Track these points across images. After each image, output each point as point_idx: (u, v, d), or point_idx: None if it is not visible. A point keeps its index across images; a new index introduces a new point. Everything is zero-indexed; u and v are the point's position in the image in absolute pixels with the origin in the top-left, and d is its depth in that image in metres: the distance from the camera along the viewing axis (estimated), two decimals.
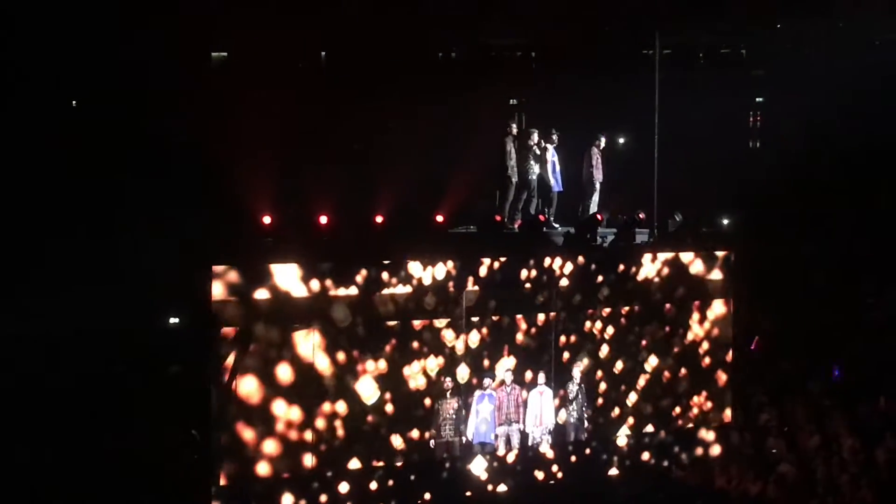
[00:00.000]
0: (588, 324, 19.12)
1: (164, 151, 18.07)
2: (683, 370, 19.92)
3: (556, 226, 19.89)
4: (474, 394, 18.63)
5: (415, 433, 17.72)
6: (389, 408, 17.32)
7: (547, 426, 19.12)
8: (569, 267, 18.76)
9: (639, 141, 21.50)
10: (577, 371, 19.23)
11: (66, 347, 16.41)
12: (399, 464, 17.57)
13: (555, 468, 18.99)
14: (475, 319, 18.10)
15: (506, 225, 19.22)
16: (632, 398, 19.57)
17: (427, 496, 17.75)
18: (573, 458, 19.06)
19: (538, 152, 19.60)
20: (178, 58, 19.14)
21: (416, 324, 17.59)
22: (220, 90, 19.21)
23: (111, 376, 16.39)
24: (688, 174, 21.49)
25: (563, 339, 18.93)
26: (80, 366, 16.37)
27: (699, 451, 19.90)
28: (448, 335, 17.89)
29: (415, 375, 17.66)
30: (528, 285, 18.45)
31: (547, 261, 18.58)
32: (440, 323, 17.76)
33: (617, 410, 19.45)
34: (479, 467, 18.39)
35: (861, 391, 20.61)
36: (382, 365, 17.21)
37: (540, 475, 18.81)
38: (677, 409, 19.98)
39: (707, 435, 20.02)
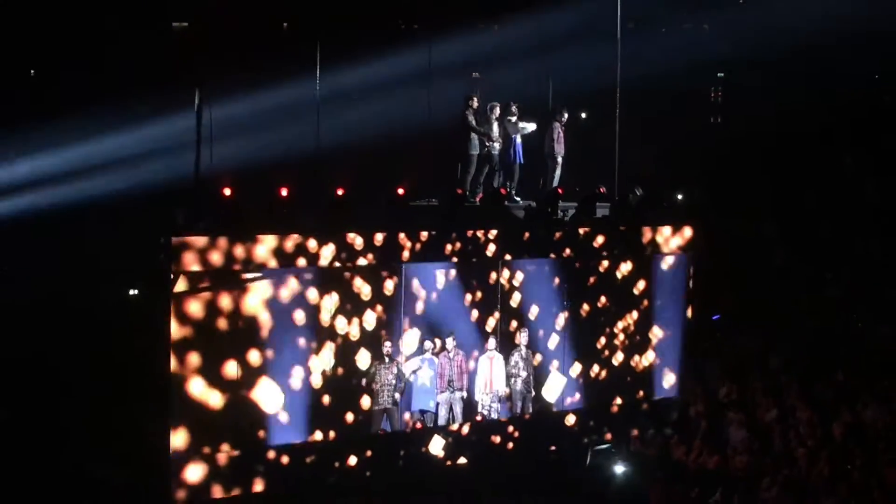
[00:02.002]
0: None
1: (125, 121, 17.89)
2: (641, 341, 20.11)
3: (518, 199, 19.90)
4: (415, 359, 18.36)
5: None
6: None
7: (497, 393, 18.96)
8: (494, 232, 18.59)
9: (600, 115, 21.51)
10: (524, 338, 19.19)
11: (22, 319, 16.26)
12: (353, 463, 17.43)
13: (510, 438, 18.92)
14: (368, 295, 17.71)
15: (467, 198, 19.20)
16: (586, 368, 19.82)
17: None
18: (526, 430, 19.02)
19: (498, 126, 19.59)
20: (138, 27, 18.98)
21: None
22: (180, 60, 19.04)
23: (68, 348, 16.26)
24: (649, 149, 21.54)
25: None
26: (35, 338, 16.22)
27: (656, 423, 20.09)
28: (340, 322, 17.47)
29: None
30: (454, 259, 18.37)
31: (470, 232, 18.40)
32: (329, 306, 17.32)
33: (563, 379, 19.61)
34: (436, 446, 18.23)
35: (819, 365, 20.75)
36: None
37: (496, 448, 18.72)
38: (632, 381, 20.13)
39: (665, 407, 20.19)
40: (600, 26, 21.54)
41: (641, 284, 20.31)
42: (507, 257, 18.94)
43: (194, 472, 16.08)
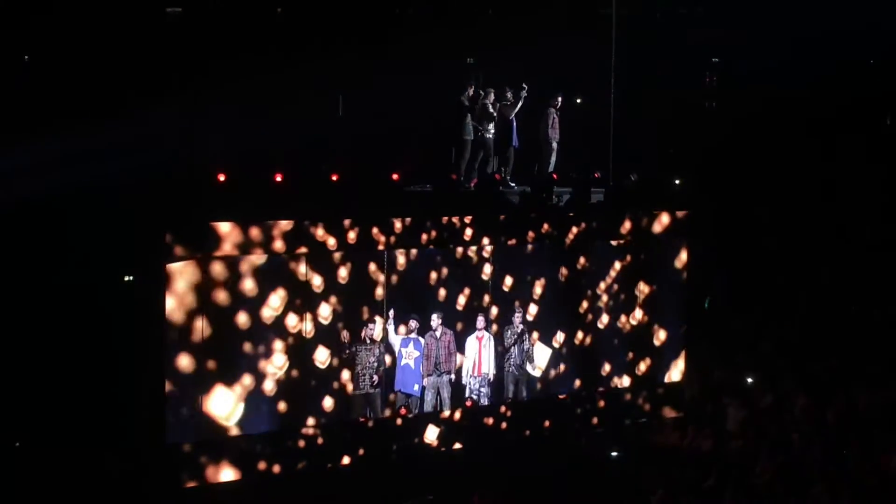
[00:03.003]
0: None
1: (119, 107, 17.81)
2: (637, 326, 20.01)
3: (513, 185, 19.91)
4: (398, 338, 17.59)
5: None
6: None
7: (486, 377, 18.29)
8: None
9: (595, 100, 21.49)
10: (518, 316, 18.57)
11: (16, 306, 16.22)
12: (346, 461, 17.14)
13: (502, 424, 18.49)
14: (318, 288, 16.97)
15: (462, 184, 19.19)
16: (582, 350, 19.42)
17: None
18: (518, 414, 18.63)
19: (493, 112, 19.59)
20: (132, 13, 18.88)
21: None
22: (174, 46, 18.98)
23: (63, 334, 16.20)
24: (644, 133, 21.51)
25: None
26: (29, 325, 16.17)
27: (651, 408, 20.07)
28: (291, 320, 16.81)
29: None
30: (431, 246, 17.83)
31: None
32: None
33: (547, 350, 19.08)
34: (431, 435, 17.80)
35: (813, 350, 20.78)
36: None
37: (489, 433, 18.33)
38: (629, 365, 20.03)
39: (659, 392, 20.17)
40: (595, 10, 21.57)
41: (661, 316, 20.02)
42: (486, 241, 18.35)
43: (192, 457, 16.09)
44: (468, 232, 18.23)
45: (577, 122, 21.15)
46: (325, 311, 17.08)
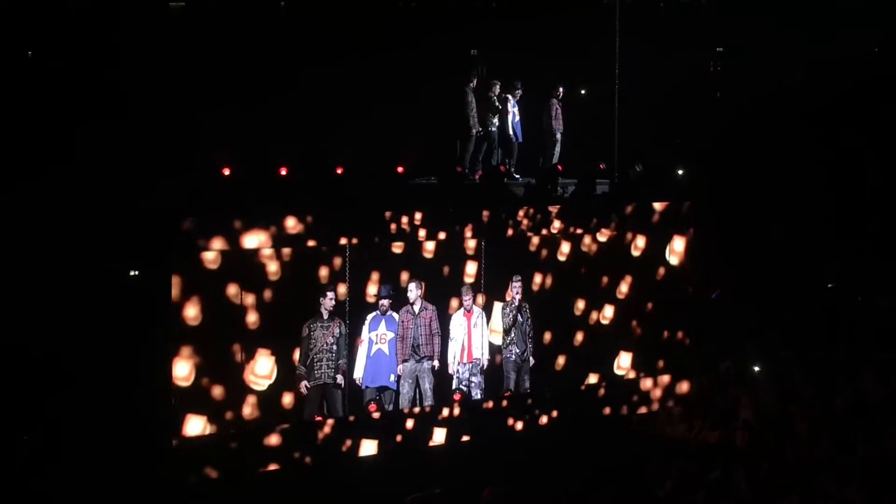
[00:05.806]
0: None
1: (121, 102, 17.81)
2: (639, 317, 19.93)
3: (517, 177, 19.91)
4: (366, 317, 15.44)
5: None
6: None
7: (479, 363, 16.29)
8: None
9: (599, 90, 21.47)
10: (516, 288, 16.74)
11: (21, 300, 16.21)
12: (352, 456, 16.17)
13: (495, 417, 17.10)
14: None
15: (467, 176, 19.18)
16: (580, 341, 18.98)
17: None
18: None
19: (498, 104, 19.59)
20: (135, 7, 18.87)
21: None
22: (178, 39, 18.99)
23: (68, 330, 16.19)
24: (649, 124, 21.51)
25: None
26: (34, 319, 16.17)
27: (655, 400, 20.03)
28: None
29: None
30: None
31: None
32: None
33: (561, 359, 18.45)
34: (439, 437, 16.16)
35: (819, 340, 20.78)
36: None
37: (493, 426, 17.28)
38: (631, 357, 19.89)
39: (663, 384, 20.14)
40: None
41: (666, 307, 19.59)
42: (442, 236, 16.57)
43: (197, 454, 16.00)
44: (422, 233, 16.53)
45: (582, 113, 21.17)
46: None
